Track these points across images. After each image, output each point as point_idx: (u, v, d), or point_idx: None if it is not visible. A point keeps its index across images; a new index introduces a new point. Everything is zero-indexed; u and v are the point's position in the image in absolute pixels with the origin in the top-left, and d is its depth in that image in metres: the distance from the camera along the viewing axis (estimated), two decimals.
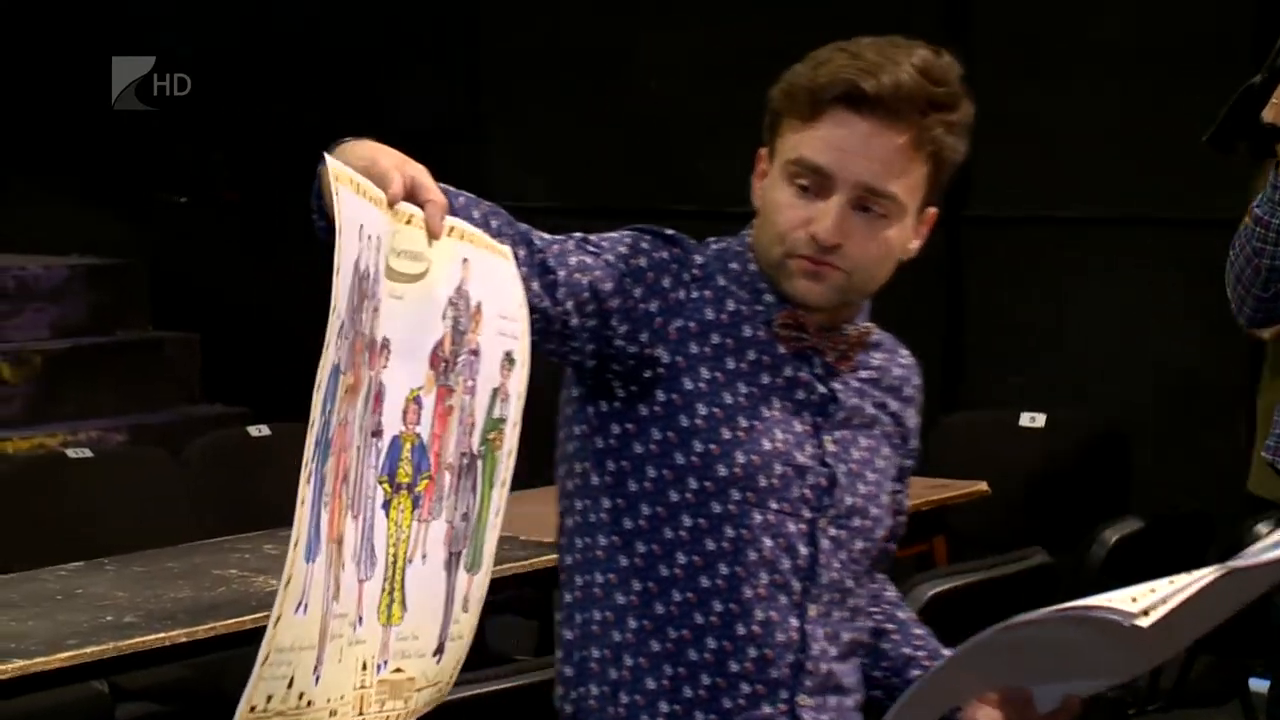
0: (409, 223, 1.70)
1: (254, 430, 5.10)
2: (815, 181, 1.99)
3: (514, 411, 1.82)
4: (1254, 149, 3.28)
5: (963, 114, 2.02)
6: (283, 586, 1.53)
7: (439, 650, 1.79)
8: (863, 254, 2.00)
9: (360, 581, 1.68)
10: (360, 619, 1.68)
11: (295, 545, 1.54)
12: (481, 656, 2.42)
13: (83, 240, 7.35)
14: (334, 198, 1.57)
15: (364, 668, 1.69)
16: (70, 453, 4.78)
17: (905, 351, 2.21)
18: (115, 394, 6.75)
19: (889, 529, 2.16)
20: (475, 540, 1.81)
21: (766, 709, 2.02)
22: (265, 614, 3.24)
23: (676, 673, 2.02)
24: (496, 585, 1.92)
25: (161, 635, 3.15)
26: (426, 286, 1.72)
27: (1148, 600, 1.58)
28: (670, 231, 2.07)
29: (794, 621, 2.02)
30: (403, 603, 1.73)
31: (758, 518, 2.00)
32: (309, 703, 1.60)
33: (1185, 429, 5.67)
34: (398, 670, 1.74)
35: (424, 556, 1.75)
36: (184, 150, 7.55)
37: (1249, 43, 5.06)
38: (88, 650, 3.05)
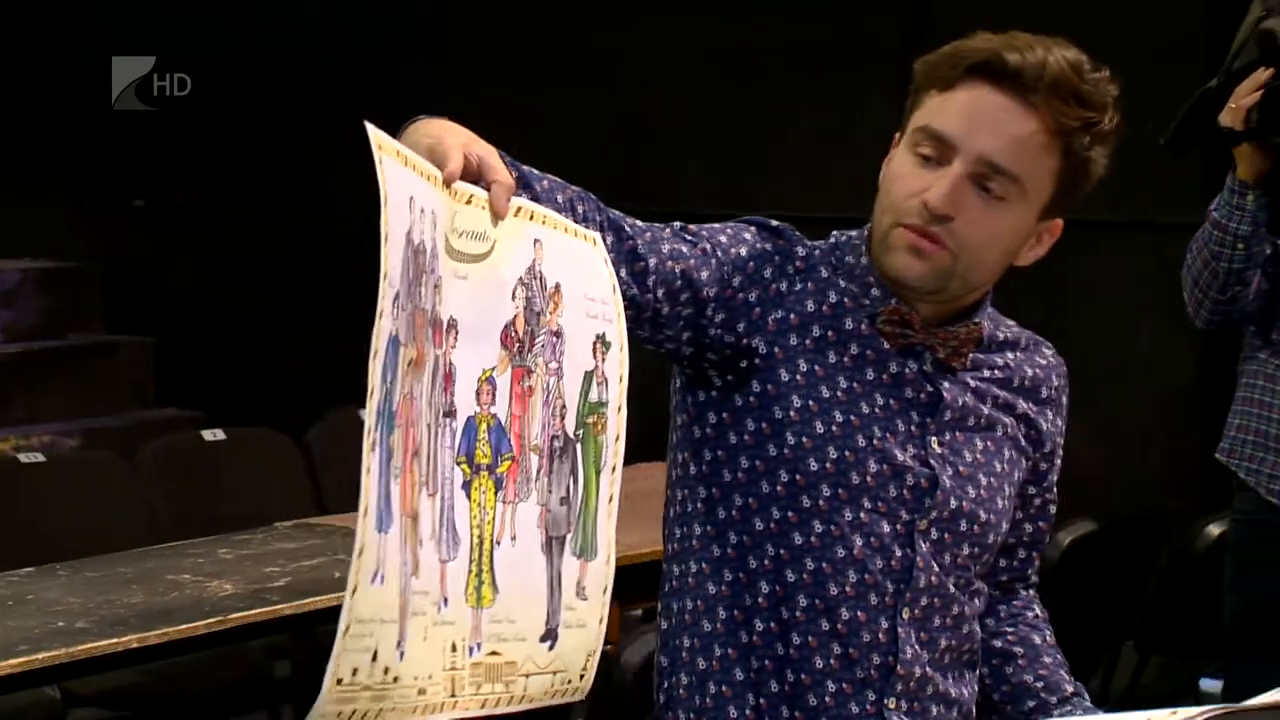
0: (469, 202, 1.69)
1: (208, 434, 5.07)
2: (937, 150, 1.92)
3: (616, 395, 1.80)
4: (1210, 153, 3.31)
5: (1109, 122, 1.93)
6: (355, 556, 1.50)
7: (549, 636, 1.76)
8: (972, 234, 1.91)
9: (442, 562, 1.65)
10: (445, 599, 1.65)
11: (365, 515, 1.51)
12: None
13: (35, 243, 7.30)
14: (378, 166, 1.54)
15: (454, 649, 1.67)
16: (22, 457, 4.74)
17: (1048, 351, 2.13)
18: (68, 398, 6.71)
19: (1021, 536, 2.13)
20: (584, 526, 1.79)
21: (854, 708, 1.98)
22: (219, 619, 3.26)
23: (763, 665, 1.99)
24: None
25: (114, 640, 3.13)
26: (491, 266, 1.70)
27: None
28: (775, 223, 2.04)
29: (884, 622, 1.98)
30: (493, 584, 1.71)
31: (848, 515, 1.96)
32: (395, 678, 1.57)
33: (1141, 430, 5.69)
34: (494, 653, 1.71)
35: (513, 538, 1.73)
36: (143, 153, 7.50)
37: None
38: (39, 656, 3.03)
